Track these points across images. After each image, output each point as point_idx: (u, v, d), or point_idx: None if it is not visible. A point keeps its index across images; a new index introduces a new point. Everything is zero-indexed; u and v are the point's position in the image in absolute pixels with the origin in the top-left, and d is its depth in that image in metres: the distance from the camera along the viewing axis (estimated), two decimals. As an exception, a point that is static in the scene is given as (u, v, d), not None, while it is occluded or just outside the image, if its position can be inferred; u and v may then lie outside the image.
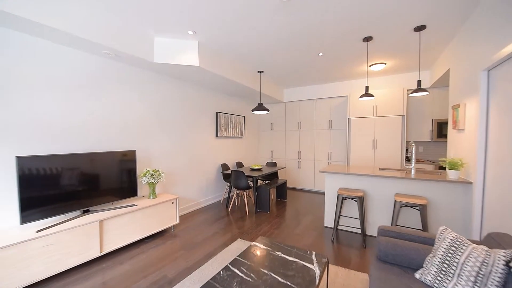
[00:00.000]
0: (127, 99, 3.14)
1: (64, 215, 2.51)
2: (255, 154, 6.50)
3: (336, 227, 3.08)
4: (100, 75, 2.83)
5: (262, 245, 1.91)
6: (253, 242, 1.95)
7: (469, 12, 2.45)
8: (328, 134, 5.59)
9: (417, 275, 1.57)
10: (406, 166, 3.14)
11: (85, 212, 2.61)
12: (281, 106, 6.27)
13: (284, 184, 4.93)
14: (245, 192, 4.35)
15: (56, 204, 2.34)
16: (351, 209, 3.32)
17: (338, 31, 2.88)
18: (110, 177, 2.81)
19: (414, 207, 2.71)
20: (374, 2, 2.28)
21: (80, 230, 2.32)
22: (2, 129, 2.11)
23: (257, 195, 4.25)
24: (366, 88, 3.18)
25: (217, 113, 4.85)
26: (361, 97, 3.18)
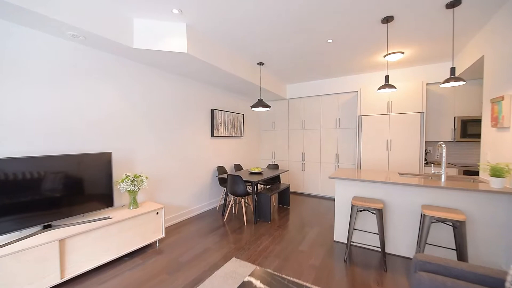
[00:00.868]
0: (103, 93, 2.68)
1: (19, 232, 2.05)
2: (256, 156, 6.01)
3: (350, 244, 2.58)
4: (68, 63, 2.37)
5: (259, 283, 1.42)
6: (247, 278, 1.46)
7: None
8: (336, 134, 5.08)
9: None
10: (434, 172, 2.63)
11: (46, 228, 2.15)
12: (284, 103, 5.77)
13: (287, 189, 4.44)
14: (243, 199, 3.87)
15: (6, 218, 1.88)
16: (367, 222, 2.82)
17: (353, 10, 2.38)
18: (80, 185, 2.35)
19: (447, 223, 2.21)
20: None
21: (34, 252, 1.85)
22: None
23: (257, 202, 3.77)
24: (386, 78, 2.67)
25: (213, 110, 4.37)
26: (380, 89, 2.68)
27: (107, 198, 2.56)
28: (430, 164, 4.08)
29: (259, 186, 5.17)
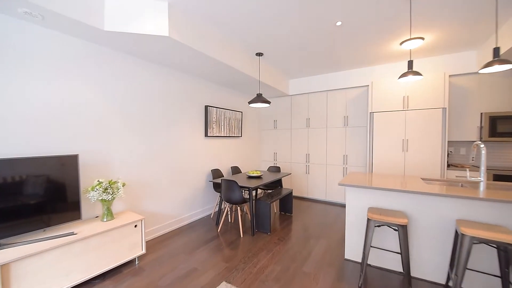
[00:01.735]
0: (69, 85, 2.27)
1: (-46, 254, 1.65)
2: (255, 157, 5.56)
3: (365, 265, 2.12)
4: (21, 48, 1.97)
5: None
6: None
7: None
8: (343, 133, 4.60)
9: None
10: (470, 178, 2.16)
11: (-9, 248, 1.74)
12: (286, 100, 5.31)
13: (290, 195, 3.98)
14: (240, 206, 3.43)
15: None
16: (384, 238, 2.35)
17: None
18: (38, 194, 1.94)
19: (491, 245, 1.74)
20: None
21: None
22: None
23: (255, 210, 3.32)
24: (410, 64, 2.18)
25: (207, 107, 3.94)
26: (401, 77, 2.20)
27: (72, 210, 2.14)
28: (452, 167, 3.57)
29: (259, 190, 4.74)
